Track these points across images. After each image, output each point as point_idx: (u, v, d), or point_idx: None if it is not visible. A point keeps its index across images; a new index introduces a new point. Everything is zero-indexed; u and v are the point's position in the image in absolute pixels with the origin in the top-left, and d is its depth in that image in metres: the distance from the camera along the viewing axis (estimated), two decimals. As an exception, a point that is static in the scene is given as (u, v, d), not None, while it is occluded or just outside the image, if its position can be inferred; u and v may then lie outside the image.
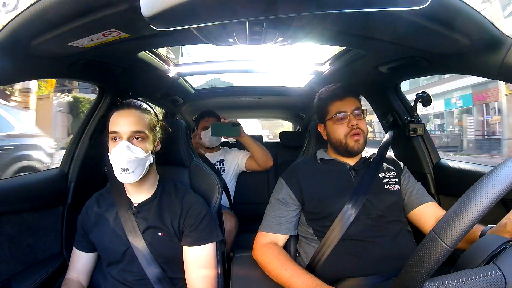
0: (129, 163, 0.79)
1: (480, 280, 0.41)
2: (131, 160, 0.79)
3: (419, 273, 0.42)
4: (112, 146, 0.82)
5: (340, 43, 1.03)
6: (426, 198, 0.98)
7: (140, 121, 0.83)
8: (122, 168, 0.79)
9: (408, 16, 0.66)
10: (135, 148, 0.81)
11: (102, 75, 1.10)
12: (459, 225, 0.41)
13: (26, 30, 0.67)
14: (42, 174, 1.14)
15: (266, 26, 0.68)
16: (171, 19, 0.51)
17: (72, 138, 1.24)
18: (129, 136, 0.81)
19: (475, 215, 0.40)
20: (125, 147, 0.79)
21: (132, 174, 0.80)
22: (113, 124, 0.83)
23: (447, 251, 0.41)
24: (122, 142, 0.80)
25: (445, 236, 0.41)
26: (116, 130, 0.81)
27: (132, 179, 0.81)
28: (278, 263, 0.84)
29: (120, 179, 0.82)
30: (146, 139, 0.84)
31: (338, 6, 0.50)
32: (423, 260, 0.42)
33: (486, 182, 0.42)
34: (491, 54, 0.72)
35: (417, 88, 12.46)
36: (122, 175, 0.80)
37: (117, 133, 0.81)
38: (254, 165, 1.79)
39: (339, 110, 0.97)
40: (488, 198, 0.40)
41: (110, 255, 0.87)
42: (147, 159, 0.83)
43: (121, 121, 0.82)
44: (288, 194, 0.97)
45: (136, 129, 0.82)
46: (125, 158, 0.79)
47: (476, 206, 0.41)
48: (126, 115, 0.83)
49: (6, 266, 0.89)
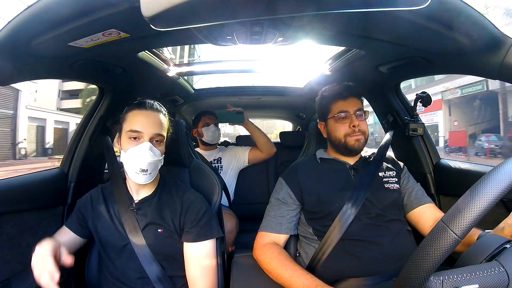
0: (150, 165, 0.80)
1: (484, 276, 0.41)
2: (151, 162, 0.80)
3: (426, 264, 0.42)
4: (130, 145, 0.81)
5: (340, 43, 1.03)
6: (425, 199, 0.98)
7: (161, 124, 0.85)
8: (142, 169, 0.80)
9: (408, 16, 0.66)
10: (155, 150, 0.82)
11: (102, 75, 1.10)
12: (469, 214, 0.40)
13: (26, 30, 0.67)
14: (42, 174, 1.14)
15: (266, 26, 0.68)
16: (171, 19, 0.51)
17: (72, 138, 1.24)
18: (151, 137, 0.81)
19: (484, 205, 0.40)
20: (148, 148, 0.80)
21: (149, 175, 0.82)
22: (134, 122, 0.82)
23: (456, 240, 0.40)
24: (145, 143, 0.80)
25: (455, 225, 0.41)
26: (139, 129, 0.81)
27: (148, 180, 0.82)
28: (278, 263, 0.84)
29: (135, 179, 0.82)
30: (162, 141, 0.85)
31: (338, 6, 0.50)
32: (431, 250, 0.41)
33: (497, 173, 0.42)
34: (491, 54, 0.72)
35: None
36: (139, 176, 0.81)
37: (140, 132, 0.81)
38: (258, 154, 1.82)
39: (341, 109, 0.97)
40: (498, 189, 0.40)
41: (109, 247, 0.88)
42: (160, 161, 0.85)
43: (144, 121, 0.82)
44: (288, 193, 0.97)
45: (158, 132, 0.83)
46: (147, 160, 0.79)
47: (486, 196, 0.40)
48: (150, 116, 0.83)
49: (6, 266, 0.89)
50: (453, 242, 0.41)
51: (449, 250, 0.41)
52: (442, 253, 0.41)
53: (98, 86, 1.22)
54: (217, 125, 1.88)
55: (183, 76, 1.67)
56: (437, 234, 0.42)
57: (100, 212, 0.90)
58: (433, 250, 0.41)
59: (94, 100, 1.26)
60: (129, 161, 0.81)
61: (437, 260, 0.41)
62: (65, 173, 1.19)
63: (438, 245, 0.41)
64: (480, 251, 0.47)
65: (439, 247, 0.41)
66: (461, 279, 0.42)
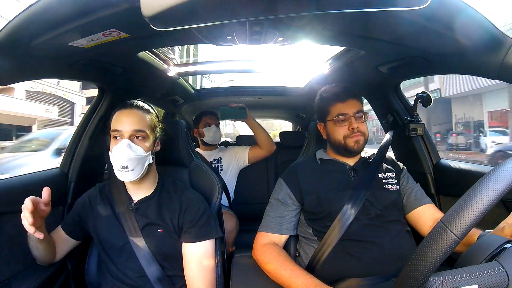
0: (129, 161, 0.81)
1: (483, 276, 0.41)
2: (131, 158, 0.81)
3: (425, 265, 0.42)
4: (113, 144, 0.83)
5: (340, 43, 1.02)
6: (424, 200, 0.98)
7: (141, 120, 0.85)
8: (122, 166, 0.81)
9: (408, 16, 0.66)
10: (135, 147, 0.82)
11: (102, 75, 1.10)
12: (468, 215, 0.40)
13: (26, 30, 0.67)
14: (42, 174, 1.14)
15: (266, 26, 0.68)
16: (171, 19, 0.51)
17: (72, 138, 1.24)
18: (130, 134, 0.83)
19: (484, 206, 0.40)
20: (126, 145, 0.81)
21: (131, 172, 0.82)
22: (115, 122, 0.84)
23: (456, 241, 0.41)
24: (123, 140, 0.82)
25: (454, 226, 0.41)
26: (118, 128, 0.83)
27: (131, 177, 0.82)
28: (278, 263, 0.84)
29: (119, 177, 0.83)
30: (146, 138, 0.85)
31: (338, 6, 0.50)
32: (430, 251, 0.42)
33: (496, 174, 0.42)
34: (491, 54, 0.72)
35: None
36: (122, 173, 0.82)
37: (119, 131, 0.83)
38: (258, 152, 1.82)
39: (340, 112, 0.96)
40: (497, 189, 0.40)
41: (108, 247, 0.88)
42: (146, 158, 0.85)
43: (123, 120, 0.84)
44: (288, 194, 0.97)
45: (137, 128, 0.84)
46: (125, 156, 0.80)
47: (486, 197, 0.40)
48: (129, 115, 0.85)
49: (6, 266, 0.89)
50: (452, 243, 0.41)
51: (448, 250, 0.41)
52: (442, 253, 0.41)
53: (98, 86, 1.22)
54: (218, 125, 1.88)
55: (183, 76, 1.68)
56: (436, 234, 0.42)
57: (99, 212, 0.90)
58: (432, 251, 0.41)
59: (94, 100, 1.26)
60: (113, 161, 0.83)
61: (437, 261, 0.41)
62: (65, 173, 1.19)
63: (438, 246, 0.41)
64: (480, 251, 0.47)
65: (438, 248, 0.41)
66: (460, 280, 0.42)
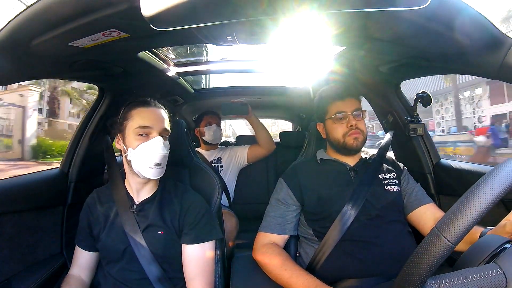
0: (163, 158, 0.82)
1: (481, 279, 0.41)
2: (165, 155, 0.82)
3: (421, 270, 0.42)
4: (139, 142, 0.81)
5: (340, 43, 1.02)
6: (425, 199, 0.98)
7: (166, 120, 0.87)
8: (156, 163, 0.81)
9: (408, 16, 0.66)
10: (167, 144, 0.84)
11: (102, 75, 1.10)
12: (462, 221, 0.40)
13: (26, 30, 0.67)
14: (42, 174, 1.14)
15: (266, 26, 0.68)
16: (171, 19, 0.51)
17: (72, 138, 1.24)
18: (160, 132, 0.83)
19: (478, 212, 0.40)
20: (161, 142, 0.81)
21: (162, 169, 0.83)
22: (143, 119, 0.83)
23: (450, 247, 0.41)
24: (158, 138, 0.82)
25: (448, 232, 0.41)
26: (148, 125, 0.82)
27: (160, 174, 0.83)
28: (278, 264, 0.84)
29: (148, 174, 0.82)
30: (167, 137, 0.87)
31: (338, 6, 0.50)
32: (425, 257, 0.42)
33: (489, 179, 0.42)
34: (491, 54, 0.72)
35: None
36: (153, 170, 0.81)
37: (150, 128, 0.82)
38: (257, 151, 1.82)
39: (339, 110, 0.97)
40: (491, 195, 0.40)
41: (110, 253, 0.87)
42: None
43: (152, 117, 0.83)
44: (289, 194, 0.97)
45: (166, 127, 0.85)
46: (161, 153, 0.81)
47: (479, 203, 0.40)
48: (156, 112, 0.85)
49: (6, 266, 0.89)
50: (446, 249, 0.41)
51: (443, 257, 0.41)
52: (436, 259, 0.41)
53: (98, 86, 1.22)
54: (219, 125, 1.88)
55: (183, 76, 1.68)
56: (430, 241, 0.42)
57: (100, 217, 0.89)
58: (427, 257, 0.42)
59: (94, 100, 1.26)
60: (140, 157, 0.81)
61: (432, 267, 0.41)
62: (65, 173, 1.19)
63: (432, 252, 0.41)
64: (479, 251, 0.47)
65: (432, 254, 0.41)
66: (458, 283, 0.42)
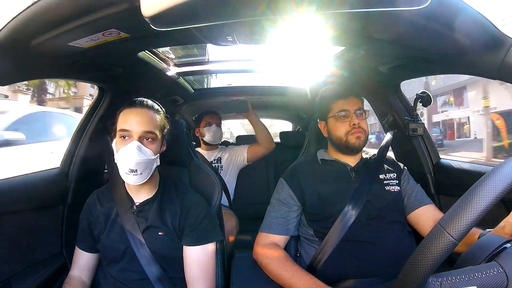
0: (138, 165, 0.77)
1: (482, 277, 0.41)
2: (140, 162, 0.77)
3: (423, 266, 0.42)
4: (120, 145, 0.79)
5: (340, 43, 1.02)
6: (425, 200, 0.98)
7: (151, 121, 0.81)
8: (131, 169, 0.77)
9: (408, 16, 0.66)
10: (145, 150, 0.79)
11: (102, 75, 1.10)
12: (466, 217, 0.41)
13: (26, 30, 0.67)
14: (42, 174, 1.14)
15: (266, 26, 0.68)
16: (171, 19, 0.51)
17: (72, 138, 1.24)
18: (140, 136, 0.79)
19: (481, 208, 0.40)
20: (135, 148, 0.77)
21: (140, 176, 0.79)
22: (124, 121, 0.79)
23: (453, 243, 0.41)
24: (133, 142, 0.77)
25: (451, 228, 0.41)
26: (127, 128, 0.78)
27: (139, 181, 0.79)
28: (279, 264, 0.84)
29: (127, 180, 0.80)
30: (155, 140, 0.82)
31: (338, 6, 0.50)
32: (428, 253, 0.42)
33: (493, 176, 0.42)
34: (491, 54, 0.72)
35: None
36: (130, 176, 0.78)
37: (128, 131, 0.78)
38: (257, 150, 1.82)
39: (342, 108, 0.97)
40: (494, 192, 0.40)
41: (110, 253, 0.87)
42: (154, 161, 0.82)
43: (133, 120, 0.79)
44: (289, 194, 0.97)
45: (147, 130, 0.79)
46: (134, 159, 0.77)
47: (483, 199, 0.40)
48: (139, 114, 0.80)
49: (6, 266, 0.89)
50: (450, 245, 0.41)
51: (446, 253, 0.41)
52: (439, 256, 0.41)
53: (98, 86, 1.22)
54: (219, 125, 1.88)
55: (183, 76, 1.68)
56: (434, 237, 0.42)
57: (100, 218, 0.89)
58: (430, 253, 0.41)
59: (94, 100, 1.26)
60: (119, 162, 0.79)
61: (435, 263, 0.41)
62: (65, 173, 1.18)
63: (435, 248, 0.41)
64: (479, 251, 0.47)
65: (436, 250, 0.41)
66: (459, 281, 0.42)
